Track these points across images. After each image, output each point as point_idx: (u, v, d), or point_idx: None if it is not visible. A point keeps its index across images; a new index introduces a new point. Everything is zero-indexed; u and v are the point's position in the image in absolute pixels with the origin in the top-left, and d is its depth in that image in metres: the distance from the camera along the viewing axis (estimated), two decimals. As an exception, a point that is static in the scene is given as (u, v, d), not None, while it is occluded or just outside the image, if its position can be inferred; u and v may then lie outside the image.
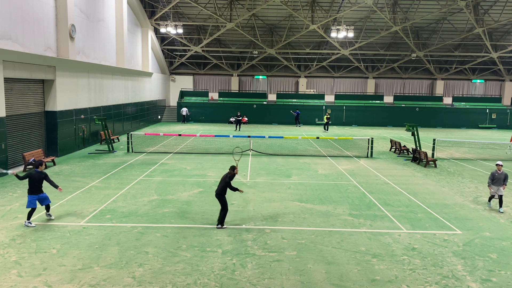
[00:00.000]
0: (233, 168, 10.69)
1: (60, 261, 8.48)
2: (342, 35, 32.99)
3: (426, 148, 24.31)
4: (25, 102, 18.18)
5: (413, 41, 39.49)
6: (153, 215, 11.50)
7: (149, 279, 7.80)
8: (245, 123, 39.36)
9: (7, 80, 16.49)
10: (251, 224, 10.94)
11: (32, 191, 10.50)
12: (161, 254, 8.92)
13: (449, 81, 46.71)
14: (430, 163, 19.87)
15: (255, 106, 41.22)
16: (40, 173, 10.63)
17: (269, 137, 23.74)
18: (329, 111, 39.15)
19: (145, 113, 35.57)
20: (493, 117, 41.65)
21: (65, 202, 12.56)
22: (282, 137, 23.68)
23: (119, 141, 26.12)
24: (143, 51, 35.59)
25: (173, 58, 44.15)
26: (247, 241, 9.74)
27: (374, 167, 19.32)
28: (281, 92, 44.99)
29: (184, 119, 40.32)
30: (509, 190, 15.04)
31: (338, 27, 32.93)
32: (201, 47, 40.08)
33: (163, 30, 34.69)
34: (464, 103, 43.73)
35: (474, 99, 44.21)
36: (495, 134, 36.57)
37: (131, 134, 22.88)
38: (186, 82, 45.75)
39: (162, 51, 40.88)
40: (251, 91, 45.20)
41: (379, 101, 43.51)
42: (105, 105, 26.16)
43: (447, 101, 45.23)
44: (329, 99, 45.06)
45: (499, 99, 44.28)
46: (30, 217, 10.49)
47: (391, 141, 24.71)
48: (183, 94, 43.28)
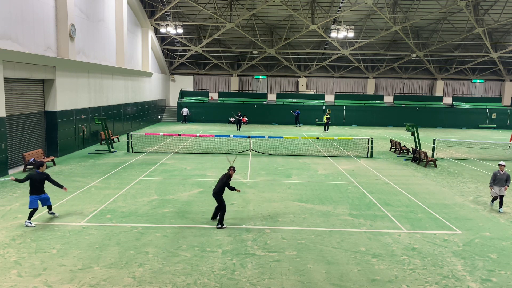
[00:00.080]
0: (232, 169, 10.90)
1: (60, 261, 8.48)
2: (342, 35, 32.99)
3: (426, 148, 24.31)
4: (25, 102, 18.18)
5: (413, 41, 39.48)
6: (153, 215, 11.50)
7: (149, 279, 7.80)
8: (245, 123, 39.36)
9: (7, 80, 16.50)
10: (251, 224, 10.94)
11: (33, 192, 10.54)
12: (161, 254, 8.92)
13: (449, 81, 46.71)
14: (430, 163, 19.87)
15: (255, 106, 41.21)
16: (41, 174, 10.65)
17: (269, 137, 23.74)
18: (329, 111, 39.16)
19: (145, 113, 35.57)
20: (493, 117, 41.64)
21: (65, 202, 12.56)
22: (282, 137, 23.68)
23: (119, 141, 26.12)
24: (143, 51, 35.59)
25: (173, 58, 44.15)
26: (247, 241, 9.74)
27: (374, 167, 19.32)
28: (281, 92, 44.98)
29: (185, 119, 40.40)
30: (509, 190, 15.03)
31: (338, 27, 32.93)
32: (201, 47, 40.08)
33: (163, 30, 34.70)
34: (464, 103, 43.72)
35: (474, 99, 44.21)
36: (495, 134, 36.57)
37: (131, 134, 22.88)
38: (186, 82, 45.75)
39: (162, 51, 40.88)
40: (251, 91, 45.19)
41: (379, 101, 43.51)
42: (105, 105, 26.16)
43: (447, 101, 45.22)
44: (329, 99, 45.06)
45: (499, 99, 44.28)
46: (31, 217, 10.50)
47: (391, 141, 24.71)
48: (183, 94, 43.29)
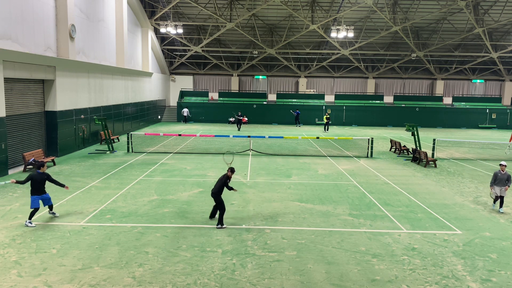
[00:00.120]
0: (230, 170, 10.95)
1: (60, 261, 8.48)
2: (342, 35, 33.00)
3: (426, 148, 24.31)
4: (25, 102, 18.17)
5: (413, 41, 39.48)
6: (153, 215, 11.50)
7: (149, 279, 7.80)
8: (245, 123, 39.36)
9: (7, 80, 16.50)
10: (251, 224, 10.94)
11: (34, 192, 10.56)
12: (161, 254, 8.92)
13: (449, 81, 46.71)
14: (430, 163, 19.87)
15: (255, 106, 41.22)
16: (42, 174, 10.67)
17: (269, 137, 23.74)
18: (329, 111, 39.15)
19: (145, 113, 35.57)
20: (493, 117, 41.64)
21: (65, 202, 12.56)
22: (282, 137, 23.68)
23: (119, 141, 26.11)
24: (143, 51, 35.59)
25: (173, 58, 44.15)
26: (247, 241, 9.74)
27: (374, 167, 19.32)
28: (281, 92, 44.98)
29: (185, 119, 40.45)
30: (509, 190, 15.01)
31: (338, 27, 32.93)
32: (201, 47, 40.08)
33: (163, 30, 34.70)
34: (464, 103, 43.72)
35: (474, 99, 44.21)
36: (495, 134, 36.57)
37: (131, 134, 22.89)
38: (186, 82, 45.75)
39: (162, 51, 40.88)
40: (251, 91, 45.19)
41: (379, 101, 43.50)
42: (105, 105, 26.16)
43: (447, 101, 45.23)
44: (329, 99, 45.06)
45: (499, 99, 44.28)
46: (31, 217, 10.51)
47: (391, 141, 24.70)
48: (183, 94, 43.29)
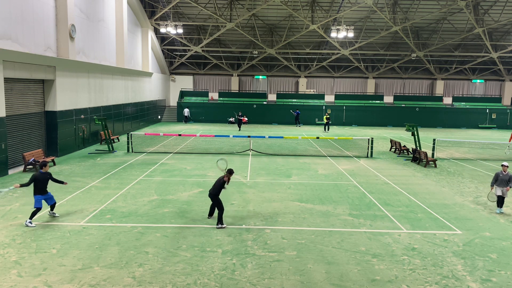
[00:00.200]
0: (227, 175, 10.87)
1: (60, 261, 8.48)
2: (342, 35, 33.00)
3: (426, 148, 24.31)
4: (25, 102, 18.17)
5: (413, 41, 39.48)
6: (153, 215, 11.50)
7: (149, 279, 7.80)
8: (245, 123, 39.37)
9: (7, 80, 16.49)
10: (251, 224, 10.94)
11: (37, 192, 10.57)
12: (161, 254, 8.92)
13: (449, 81, 46.71)
14: (430, 163, 19.87)
15: (255, 106, 41.22)
16: (44, 174, 10.70)
17: (269, 137, 23.74)
18: (329, 111, 39.15)
19: (145, 113, 35.57)
20: (493, 117, 41.64)
21: (65, 202, 12.56)
22: (282, 137, 23.68)
23: (119, 141, 26.11)
24: (143, 51, 35.59)
25: (173, 58, 44.15)
26: (247, 241, 9.74)
27: (374, 167, 19.32)
28: (281, 92, 44.99)
29: (186, 119, 40.47)
30: (509, 190, 15.00)
31: (338, 27, 32.94)
32: (201, 47, 40.08)
33: (163, 30, 34.70)
34: (464, 103, 43.72)
35: (474, 99, 44.21)
36: (495, 134, 36.57)
37: (131, 134, 22.88)
38: (186, 82, 45.76)
39: (162, 51, 40.88)
40: (251, 91, 45.19)
41: (379, 101, 43.50)
42: (105, 105, 26.16)
43: (447, 101, 45.23)
44: (329, 99, 45.05)
45: (499, 99, 44.28)
46: (33, 217, 10.50)
47: (391, 141, 24.70)
48: (183, 94, 43.29)
